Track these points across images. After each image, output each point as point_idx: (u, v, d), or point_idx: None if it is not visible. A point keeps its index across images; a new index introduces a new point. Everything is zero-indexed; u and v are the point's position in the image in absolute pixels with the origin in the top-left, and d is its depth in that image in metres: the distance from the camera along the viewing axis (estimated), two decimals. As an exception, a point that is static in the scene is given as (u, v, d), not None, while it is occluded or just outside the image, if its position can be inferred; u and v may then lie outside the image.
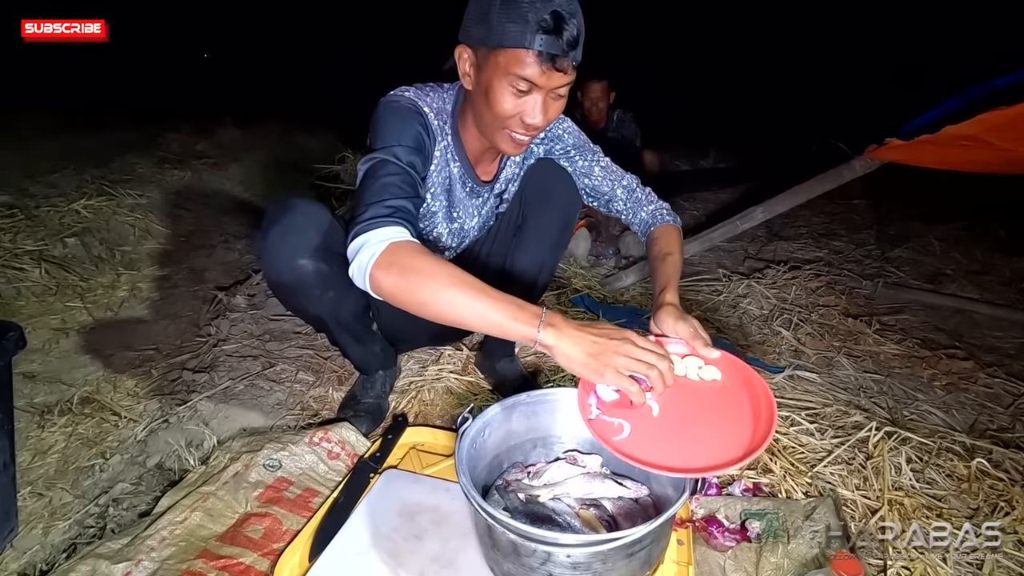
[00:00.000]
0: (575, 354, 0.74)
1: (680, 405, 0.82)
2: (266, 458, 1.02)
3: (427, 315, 0.77)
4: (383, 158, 0.89)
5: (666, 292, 0.95)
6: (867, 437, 1.19)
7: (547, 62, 0.83)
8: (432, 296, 0.75)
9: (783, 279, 2.10)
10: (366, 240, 0.79)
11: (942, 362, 1.65)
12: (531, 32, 0.81)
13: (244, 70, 6.38)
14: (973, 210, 2.92)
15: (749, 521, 0.96)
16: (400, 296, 0.78)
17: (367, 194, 0.85)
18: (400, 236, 0.80)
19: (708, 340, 0.89)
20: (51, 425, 1.24)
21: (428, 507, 0.95)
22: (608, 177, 1.13)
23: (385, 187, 0.86)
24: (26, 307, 1.67)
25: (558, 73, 0.85)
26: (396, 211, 0.83)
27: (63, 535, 0.99)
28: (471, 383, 1.40)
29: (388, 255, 0.78)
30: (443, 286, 0.75)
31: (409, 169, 0.90)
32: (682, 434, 0.78)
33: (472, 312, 0.75)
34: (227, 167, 3.26)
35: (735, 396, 0.83)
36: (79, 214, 2.20)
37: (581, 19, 0.84)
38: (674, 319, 0.89)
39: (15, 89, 4.72)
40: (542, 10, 0.80)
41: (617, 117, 2.75)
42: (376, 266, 0.78)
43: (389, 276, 0.77)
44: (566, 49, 0.82)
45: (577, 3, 0.85)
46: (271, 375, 1.40)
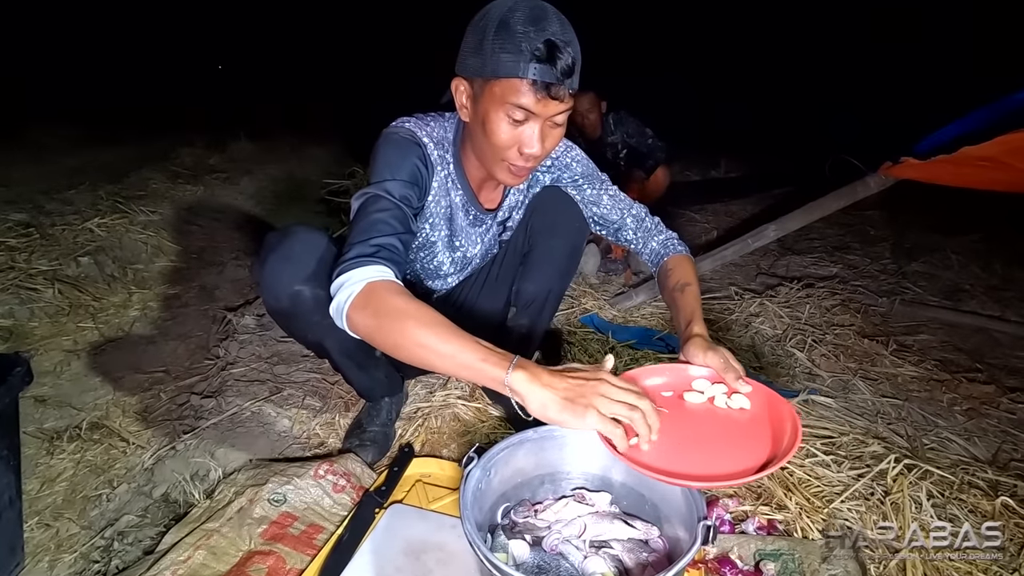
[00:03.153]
0: (549, 400, 0.70)
1: (702, 428, 0.81)
2: (271, 492, 1.01)
3: (400, 357, 0.77)
4: (375, 193, 0.90)
5: (693, 323, 0.94)
6: (886, 470, 1.15)
7: (542, 90, 0.82)
8: (403, 338, 0.75)
9: (796, 297, 2.07)
10: (346, 279, 0.79)
11: (962, 386, 1.61)
12: (525, 61, 0.80)
13: (258, 81, 6.46)
14: (992, 221, 2.86)
15: (764, 562, 0.94)
16: (374, 337, 0.78)
17: (354, 232, 0.86)
18: (380, 276, 0.80)
19: (740, 371, 0.88)
20: (60, 452, 1.24)
21: (434, 545, 0.94)
22: (617, 206, 1.12)
23: (373, 224, 0.86)
24: (39, 328, 1.69)
25: (554, 101, 0.84)
26: (380, 249, 0.83)
27: (68, 569, 0.98)
28: (479, 409, 1.38)
29: (364, 296, 0.78)
30: (413, 328, 0.75)
31: (401, 204, 0.90)
32: (698, 453, 0.77)
33: (441, 355, 0.74)
34: (239, 181, 3.29)
35: (760, 423, 0.82)
36: (93, 232, 2.22)
37: (576, 47, 0.84)
38: (703, 350, 0.89)
39: (35, 98, 4.85)
40: (536, 39, 0.80)
41: (612, 120, 2.72)
42: (352, 306, 0.78)
43: (364, 317, 0.77)
44: (560, 77, 0.82)
45: (572, 31, 0.84)
46: (278, 400, 1.40)
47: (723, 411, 0.85)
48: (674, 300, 1.01)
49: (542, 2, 0.84)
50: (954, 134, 1.45)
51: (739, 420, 0.84)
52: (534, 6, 0.82)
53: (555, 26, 0.81)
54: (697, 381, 0.90)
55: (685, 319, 0.96)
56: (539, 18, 0.81)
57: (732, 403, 0.86)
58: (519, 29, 0.80)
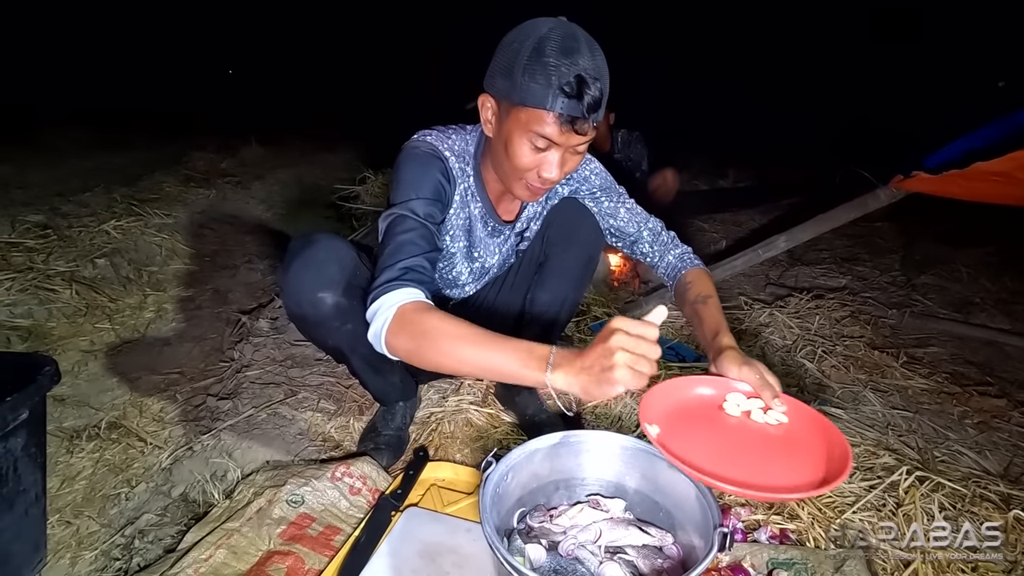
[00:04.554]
0: (587, 385, 0.72)
1: (745, 442, 0.82)
2: (289, 493, 1.02)
3: (443, 371, 0.80)
4: (400, 214, 0.92)
5: (721, 335, 0.94)
6: (897, 482, 1.16)
7: (567, 124, 0.85)
8: (442, 356, 0.79)
9: (806, 308, 2.07)
10: (380, 306, 0.84)
11: (973, 399, 1.61)
12: (553, 95, 0.82)
13: (269, 87, 6.53)
14: (1002, 234, 2.86)
15: (777, 571, 0.94)
16: (414, 359, 0.82)
17: (384, 256, 0.89)
18: (410, 298, 0.84)
19: (776, 387, 0.87)
20: (79, 450, 1.26)
21: (449, 548, 0.95)
22: (634, 219, 1.13)
23: (401, 247, 0.89)
24: (57, 329, 1.71)
25: (577, 135, 0.87)
26: (407, 271, 0.86)
27: (90, 566, 1.00)
28: (491, 415, 1.39)
29: (398, 320, 0.82)
30: (450, 344, 0.78)
31: (426, 222, 0.93)
32: (748, 465, 0.77)
33: (480, 366, 0.78)
34: (250, 185, 3.33)
35: (804, 436, 0.83)
36: (109, 235, 2.26)
37: (606, 80, 0.86)
38: (738, 365, 0.88)
39: (49, 101, 4.91)
40: (567, 73, 0.82)
41: (622, 138, 2.73)
42: (389, 332, 0.82)
43: (401, 341, 0.82)
44: (586, 113, 0.84)
45: (603, 62, 0.85)
46: (293, 404, 1.41)
47: (763, 426, 0.85)
48: (696, 312, 1.02)
49: (576, 30, 0.86)
50: (965, 148, 1.46)
51: (781, 435, 0.84)
52: (567, 35, 0.83)
53: (586, 59, 0.83)
54: (732, 394, 0.90)
55: (712, 331, 0.96)
56: (571, 50, 0.82)
57: (769, 418, 0.86)
58: (551, 61, 0.82)
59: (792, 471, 0.76)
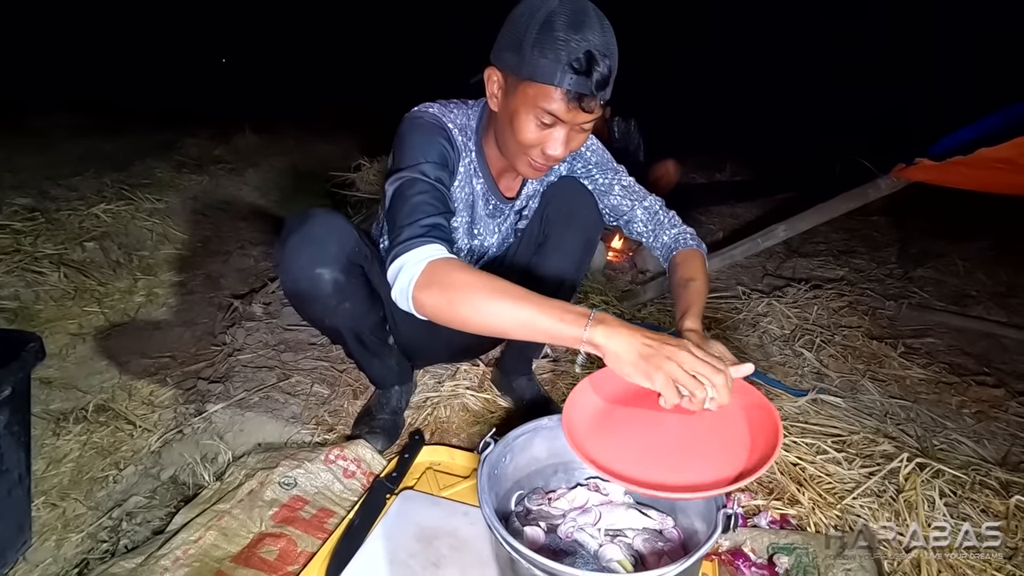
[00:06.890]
0: (625, 352, 0.70)
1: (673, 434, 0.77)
2: (281, 476, 1.00)
3: (472, 329, 0.76)
4: (411, 176, 0.88)
5: (686, 318, 0.93)
6: (898, 468, 1.15)
7: (574, 100, 0.82)
8: (474, 311, 0.75)
9: (804, 298, 2.06)
10: (404, 262, 0.79)
11: (971, 389, 1.61)
12: (562, 71, 0.80)
13: (262, 75, 6.45)
14: (998, 228, 2.86)
15: (777, 556, 0.93)
16: (443, 314, 0.77)
17: (399, 215, 0.85)
18: (438, 254, 0.80)
19: (735, 362, 0.83)
20: (66, 433, 1.23)
21: (446, 532, 0.93)
22: (628, 197, 1.11)
23: (417, 206, 0.85)
24: (44, 311, 1.67)
25: (584, 112, 0.84)
26: (432, 229, 0.83)
27: (76, 548, 0.97)
28: (488, 400, 1.37)
29: (427, 275, 0.78)
30: (485, 299, 0.74)
31: (438, 184, 0.89)
32: (675, 457, 0.73)
33: (517, 321, 0.74)
34: (244, 172, 3.28)
35: (735, 424, 0.77)
36: (98, 218, 2.21)
37: (615, 57, 0.83)
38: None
39: (39, 90, 4.83)
40: (576, 49, 0.79)
41: (619, 127, 2.71)
42: (417, 287, 0.78)
43: (431, 296, 0.77)
44: (594, 91, 0.81)
45: (612, 37, 0.83)
46: (286, 387, 1.39)
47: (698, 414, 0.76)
48: (677, 295, 1.00)
49: (587, 4, 0.83)
50: (969, 136, 1.45)
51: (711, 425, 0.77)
52: (577, 9, 0.81)
53: (596, 35, 0.80)
54: None
55: (680, 313, 0.94)
56: (581, 24, 0.79)
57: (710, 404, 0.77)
58: (560, 36, 0.79)
59: (713, 464, 0.71)
